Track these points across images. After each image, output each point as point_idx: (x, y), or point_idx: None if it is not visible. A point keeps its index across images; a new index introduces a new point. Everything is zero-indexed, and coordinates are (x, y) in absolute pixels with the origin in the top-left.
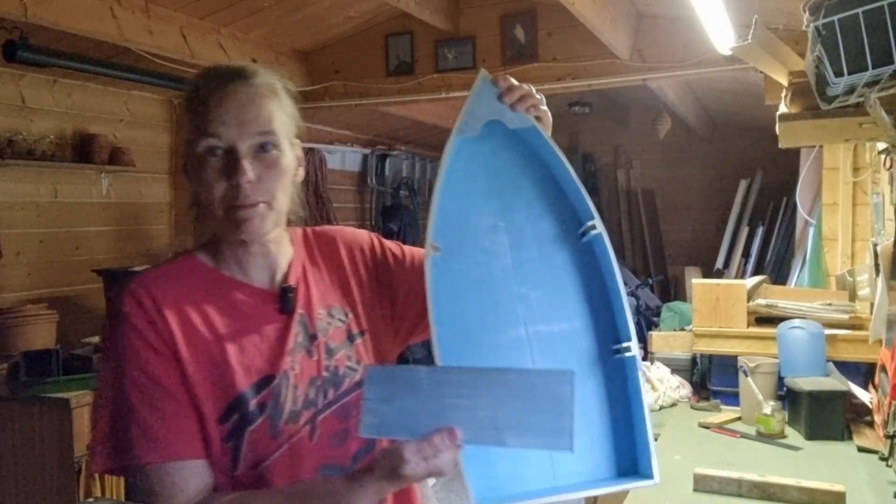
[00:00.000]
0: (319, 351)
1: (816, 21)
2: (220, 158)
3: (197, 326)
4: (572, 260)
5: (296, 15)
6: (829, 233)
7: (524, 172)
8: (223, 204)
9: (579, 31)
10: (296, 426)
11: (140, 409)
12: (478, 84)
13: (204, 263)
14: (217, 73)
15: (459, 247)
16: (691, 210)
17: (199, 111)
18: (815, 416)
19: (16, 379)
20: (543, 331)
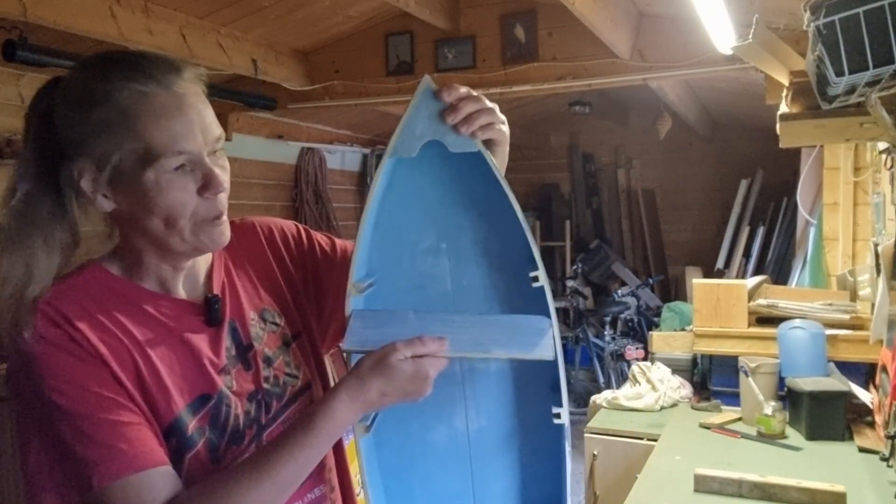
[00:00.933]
0: (256, 361)
1: (817, 20)
2: (189, 173)
3: (121, 343)
4: (514, 296)
5: (296, 14)
6: (829, 233)
7: (471, 195)
8: (195, 218)
9: (579, 31)
10: (239, 447)
11: (85, 431)
12: (418, 96)
13: (114, 275)
14: (162, 72)
15: (396, 268)
16: (692, 210)
17: (157, 114)
18: (816, 416)
19: None
20: (479, 367)
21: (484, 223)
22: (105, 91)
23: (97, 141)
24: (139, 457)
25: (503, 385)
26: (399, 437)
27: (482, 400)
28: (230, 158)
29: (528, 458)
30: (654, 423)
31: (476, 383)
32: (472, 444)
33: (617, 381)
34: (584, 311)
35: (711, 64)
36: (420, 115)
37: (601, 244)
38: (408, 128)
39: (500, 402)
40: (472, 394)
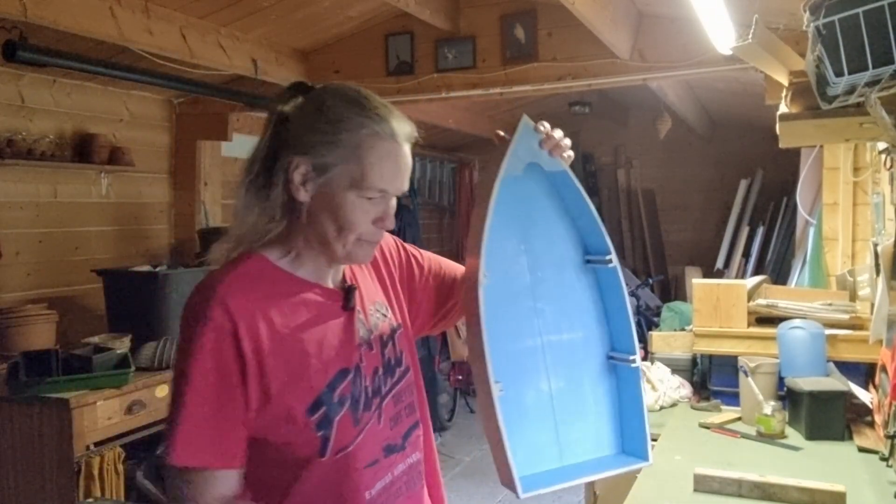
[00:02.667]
0: (377, 344)
1: (817, 21)
2: (379, 205)
3: (277, 328)
4: (583, 282)
5: (296, 15)
6: (829, 233)
7: (551, 206)
8: (360, 237)
9: (579, 31)
10: (369, 413)
11: (190, 412)
12: (521, 128)
13: (273, 264)
14: (403, 128)
15: (496, 266)
16: (691, 210)
17: (383, 157)
18: (816, 416)
19: (16, 379)
20: (555, 340)
21: (559, 226)
22: (354, 121)
23: (327, 152)
24: (214, 455)
25: (573, 352)
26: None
27: (560, 366)
28: (230, 159)
29: (606, 402)
30: (654, 422)
31: (553, 352)
32: (554, 402)
33: None
34: None
35: (711, 64)
36: (522, 144)
37: None
38: (514, 153)
39: (572, 365)
40: (552, 362)
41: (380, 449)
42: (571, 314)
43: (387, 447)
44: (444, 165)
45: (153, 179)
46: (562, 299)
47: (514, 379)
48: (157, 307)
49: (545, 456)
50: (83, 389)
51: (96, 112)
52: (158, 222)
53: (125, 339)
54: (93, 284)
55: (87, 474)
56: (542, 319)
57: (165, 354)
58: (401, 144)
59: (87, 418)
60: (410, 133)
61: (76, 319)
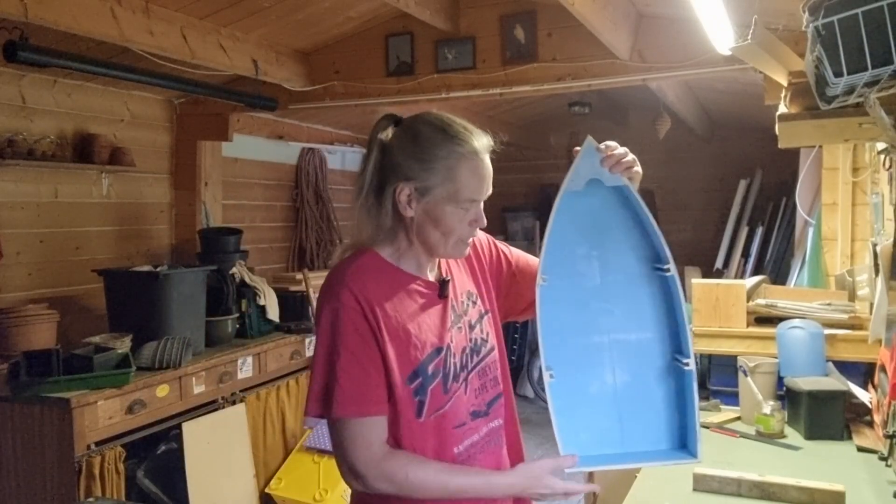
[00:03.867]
0: (465, 327)
1: (816, 21)
2: (473, 211)
3: (389, 313)
4: (647, 287)
5: (296, 15)
6: (828, 233)
7: (615, 217)
8: (459, 237)
9: (579, 32)
10: (457, 384)
11: (345, 374)
12: (584, 149)
13: (384, 259)
14: (482, 142)
15: (563, 269)
16: (691, 210)
17: (466, 170)
18: (815, 415)
19: (16, 379)
20: (622, 339)
21: (627, 233)
22: (446, 148)
23: (427, 176)
24: (370, 404)
25: (638, 350)
26: (566, 388)
27: (624, 361)
28: (231, 159)
29: (661, 399)
30: None
31: (619, 350)
32: (618, 393)
33: None
34: None
35: (710, 64)
36: (584, 162)
37: None
38: (576, 170)
39: (637, 362)
40: (618, 357)
41: (466, 413)
42: (638, 316)
43: (473, 412)
44: None
45: (154, 179)
46: (629, 302)
47: (579, 369)
48: (158, 307)
49: (608, 440)
50: (84, 389)
51: (97, 112)
52: (159, 222)
53: (126, 339)
54: (93, 284)
55: (88, 474)
56: (611, 319)
57: (166, 354)
58: (482, 158)
59: (88, 418)
60: (488, 144)
61: (77, 319)
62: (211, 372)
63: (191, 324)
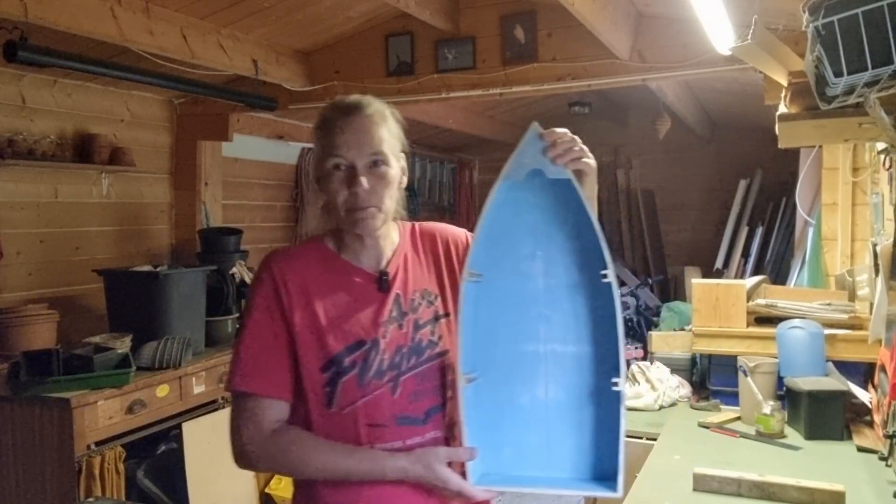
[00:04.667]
0: (408, 325)
1: (816, 21)
2: (343, 173)
3: (312, 298)
4: (589, 295)
5: (296, 15)
6: (828, 233)
7: (560, 215)
8: (344, 207)
9: (579, 32)
10: (379, 382)
11: (247, 350)
12: (527, 136)
13: (328, 248)
14: (341, 105)
15: (501, 268)
16: (691, 210)
17: (327, 136)
18: (815, 415)
19: (16, 379)
20: (559, 350)
21: (571, 235)
22: (323, 116)
23: (315, 148)
24: (266, 384)
25: (575, 365)
26: (493, 398)
27: (559, 376)
28: (231, 159)
29: (591, 422)
30: (654, 422)
31: (555, 362)
32: (549, 409)
33: None
34: None
35: (710, 64)
36: (527, 150)
37: None
38: (517, 159)
39: (572, 377)
40: (553, 370)
41: (389, 416)
42: (577, 327)
43: (400, 418)
44: (444, 166)
45: (154, 179)
46: (570, 310)
47: (510, 376)
48: (158, 307)
49: (533, 460)
50: (84, 389)
51: (97, 112)
52: (159, 222)
53: (126, 339)
54: (93, 284)
55: (88, 474)
56: (550, 327)
57: (166, 354)
58: (348, 115)
59: (88, 418)
60: (363, 102)
61: (77, 319)
62: (211, 372)
63: (191, 324)
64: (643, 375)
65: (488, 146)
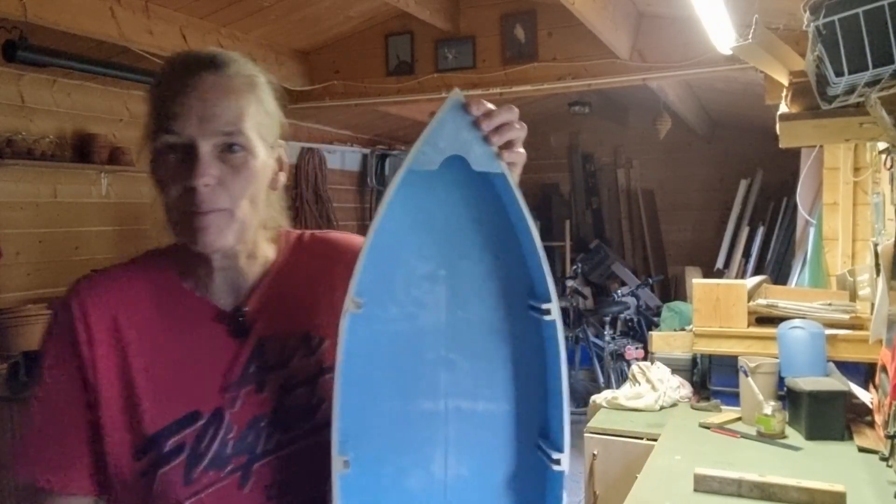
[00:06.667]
0: (273, 386)
1: (817, 21)
2: (178, 156)
3: (128, 346)
4: (515, 332)
5: (296, 15)
6: (829, 233)
7: (482, 220)
8: (178, 207)
9: (579, 31)
10: (217, 474)
11: (34, 427)
12: (446, 108)
13: (167, 270)
14: (185, 60)
15: (388, 293)
16: (691, 210)
17: (160, 103)
18: (816, 416)
19: (16, 379)
20: (466, 409)
21: (491, 250)
22: (159, 75)
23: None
24: (63, 477)
25: (491, 428)
26: (372, 481)
27: (465, 445)
28: None
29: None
30: (654, 422)
31: (461, 425)
32: (448, 493)
33: (617, 380)
34: (583, 311)
35: (711, 64)
36: (445, 128)
37: (601, 244)
38: (431, 140)
39: (485, 447)
40: (456, 436)
41: None
42: (494, 376)
43: None
44: None
45: None
46: (485, 354)
47: (393, 451)
48: None
49: None
50: None
51: (96, 112)
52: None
53: None
54: None
55: None
56: (453, 376)
57: None
58: (194, 74)
59: None
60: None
61: None
62: None
63: None
64: (644, 376)
65: None
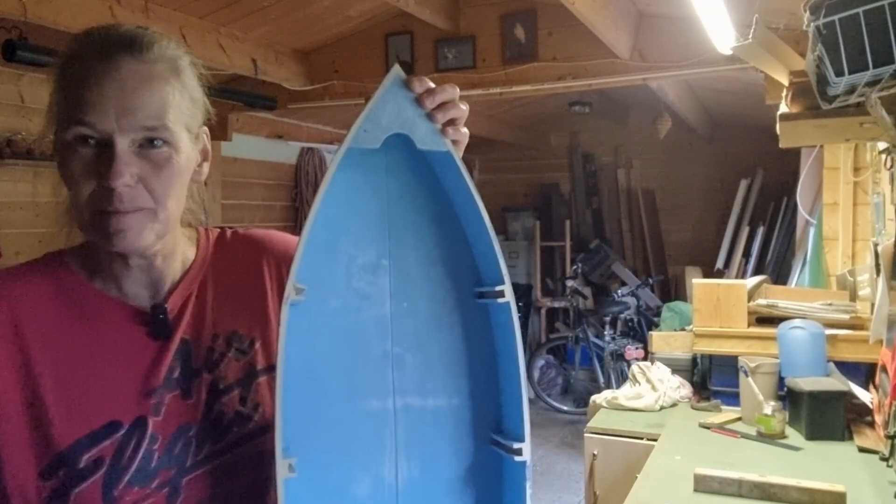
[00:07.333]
0: (201, 391)
1: (817, 21)
2: (91, 150)
3: (31, 351)
4: (464, 322)
5: (296, 14)
6: (829, 233)
7: (426, 204)
8: (90, 207)
9: (579, 31)
10: (143, 490)
11: None
12: (387, 84)
13: (72, 270)
14: (100, 40)
15: (328, 284)
16: (691, 210)
17: (70, 87)
18: (816, 416)
19: None
20: (415, 406)
21: (436, 236)
22: (69, 55)
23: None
24: None
25: (442, 425)
26: (315, 489)
27: (415, 445)
28: (230, 158)
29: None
30: (654, 422)
31: (410, 424)
32: (400, 498)
33: (617, 380)
34: (584, 311)
35: (711, 64)
36: (388, 105)
37: (601, 244)
38: (373, 116)
39: (437, 446)
40: (405, 437)
41: None
42: (444, 370)
43: None
44: None
45: None
46: (433, 346)
47: (339, 455)
48: None
49: None
50: None
51: None
52: None
53: None
54: None
55: None
56: (401, 372)
57: None
58: (111, 58)
59: None
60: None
61: None
62: None
63: None
64: (644, 376)
65: (489, 146)
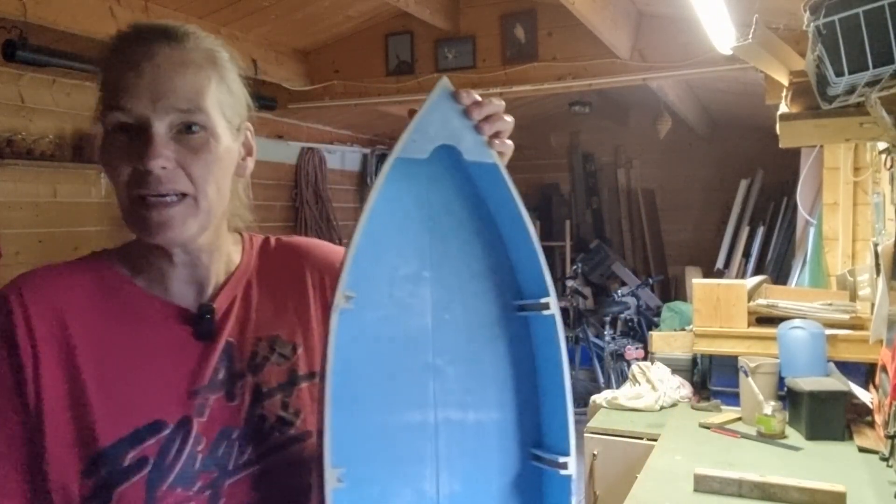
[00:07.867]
0: (244, 394)
1: (817, 21)
2: (130, 136)
3: (76, 348)
4: (504, 334)
5: (296, 14)
6: (829, 233)
7: (467, 215)
8: (129, 191)
9: (579, 31)
10: (186, 492)
11: None
12: (435, 96)
13: (116, 268)
14: (137, 31)
15: (371, 294)
16: (691, 210)
17: (110, 78)
18: (816, 416)
19: None
20: (456, 419)
21: (477, 247)
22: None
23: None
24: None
25: (483, 439)
26: (358, 501)
27: (457, 458)
28: None
29: None
30: (654, 422)
31: (451, 437)
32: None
33: (617, 380)
34: (584, 311)
35: (711, 64)
36: (435, 116)
37: (601, 244)
38: (421, 127)
39: (479, 460)
40: (446, 450)
41: None
42: (485, 382)
43: None
44: None
45: None
46: (474, 358)
47: (381, 468)
48: None
49: None
50: None
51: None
52: None
53: None
54: None
55: None
56: (442, 384)
57: None
58: (147, 46)
59: None
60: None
61: None
62: None
63: None
64: (644, 376)
65: None
